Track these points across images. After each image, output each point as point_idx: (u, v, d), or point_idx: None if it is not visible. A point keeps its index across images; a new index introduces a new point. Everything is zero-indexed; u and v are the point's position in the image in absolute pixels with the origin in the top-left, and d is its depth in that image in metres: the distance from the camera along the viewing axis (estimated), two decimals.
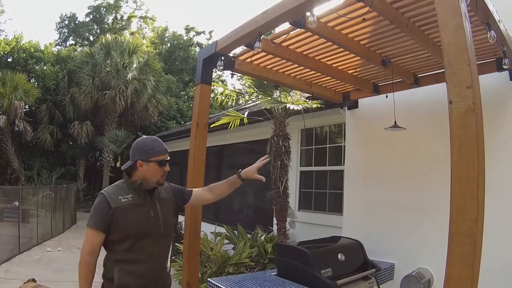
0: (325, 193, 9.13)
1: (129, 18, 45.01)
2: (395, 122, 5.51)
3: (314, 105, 7.61)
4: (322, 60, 5.32)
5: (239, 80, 32.29)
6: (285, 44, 4.80)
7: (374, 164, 6.63)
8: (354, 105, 7.06)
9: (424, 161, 5.75)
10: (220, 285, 4.70)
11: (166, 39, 44.02)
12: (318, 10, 3.74)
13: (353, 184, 7.00)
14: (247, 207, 12.85)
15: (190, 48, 42.44)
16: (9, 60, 30.27)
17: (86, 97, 26.14)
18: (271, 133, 8.21)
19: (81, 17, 43.23)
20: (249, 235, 9.14)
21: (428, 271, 5.43)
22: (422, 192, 5.67)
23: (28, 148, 27.86)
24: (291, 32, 4.36)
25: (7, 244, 12.81)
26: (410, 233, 5.77)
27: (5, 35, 33.16)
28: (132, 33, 43.13)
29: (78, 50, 35.97)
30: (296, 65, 5.51)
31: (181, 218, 5.28)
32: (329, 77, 6.03)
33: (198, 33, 45.18)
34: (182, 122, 31.29)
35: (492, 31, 3.69)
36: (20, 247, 13.16)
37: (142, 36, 43.85)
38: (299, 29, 4.16)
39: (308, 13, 3.58)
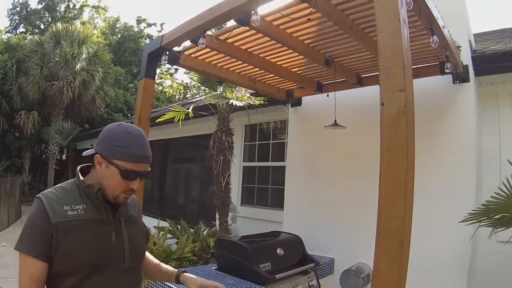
0: (267, 189, 9.25)
1: (81, 7, 43.84)
2: (335, 121, 5.64)
3: (258, 102, 7.75)
4: (266, 58, 5.41)
5: (187, 73, 32.09)
6: (230, 40, 4.83)
7: (315, 161, 6.77)
8: (297, 103, 7.18)
9: (363, 159, 5.90)
10: None
11: (117, 30, 43.17)
12: (264, 9, 3.80)
13: (294, 180, 7.14)
14: (191, 202, 12.93)
15: (140, 40, 41.67)
16: None
17: (34, 87, 25.35)
18: (215, 128, 8.25)
19: (33, 4, 41.96)
20: (192, 230, 9.17)
21: (367, 266, 5.58)
22: (361, 189, 5.81)
23: None
24: (237, 30, 4.41)
25: None
26: (349, 228, 5.93)
27: None
28: (83, 23, 42.01)
29: (28, 38, 35.15)
30: (240, 62, 5.57)
31: None
32: (273, 75, 6.12)
33: (149, 25, 44.71)
34: (129, 115, 30.81)
35: (435, 36, 3.83)
36: None
37: (93, 26, 42.89)
38: (244, 27, 4.17)
39: (252, 11, 3.62)
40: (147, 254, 2.70)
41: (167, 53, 4.88)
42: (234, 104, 7.54)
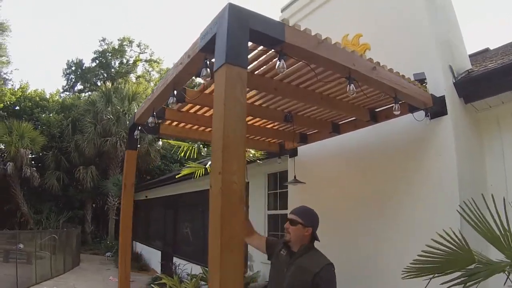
0: None
1: (135, 62, 45.60)
2: (295, 177, 5.96)
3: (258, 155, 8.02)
4: None
5: None
6: (192, 111, 5.24)
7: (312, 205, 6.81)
8: (294, 153, 7.32)
9: (348, 203, 6.13)
10: None
11: None
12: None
13: None
14: None
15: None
16: (16, 108, 31.65)
17: (89, 143, 26.91)
18: None
19: (87, 63, 44.24)
20: None
21: None
22: (346, 230, 6.09)
23: (37, 193, 28.42)
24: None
25: (7, 282, 13.92)
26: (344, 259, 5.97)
27: (12, 85, 34.45)
28: (138, 77, 44.20)
29: (83, 96, 37.51)
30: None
31: None
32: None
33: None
34: (186, 164, 30.97)
35: (352, 85, 3.68)
36: (18, 285, 13.91)
37: (148, 79, 44.77)
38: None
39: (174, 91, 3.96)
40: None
41: (139, 128, 5.33)
42: None
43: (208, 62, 3.09)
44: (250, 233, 4.49)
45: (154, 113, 4.62)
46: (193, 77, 3.87)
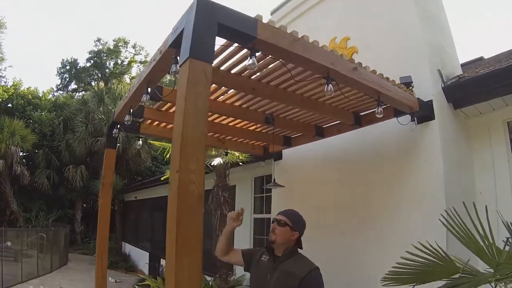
0: None
1: (129, 63, 45.37)
2: (274, 180, 5.81)
3: (229, 158, 7.94)
4: (216, 121, 5.54)
5: None
6: (172, 110, 5.05)
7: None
8: (278, 157, 7.20)
9: (333, 208, 6.05)
10: None
11: (165, 84, 44.06)
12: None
13: None
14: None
15: None
16: (9, 106, 31.41)
17: (80, 143, 26.51)
18: (213, 184, 8.40)
19: (82, 62, 44.01)
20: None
21: None
22: (330, 235, 5.99)
23: (27, 191, 28.19)
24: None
25: None
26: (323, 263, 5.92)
27: (5, 82, 34.30)
28: (132, 78, 43.57)
29: (76, 96, 37.31)
30: None
31: None
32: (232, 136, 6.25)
33: None
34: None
35: (330, 85, 3.49)
36: (3, 283, 13.70)
37: None
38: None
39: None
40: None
41: (118, 126, 5.14)
42: (213, 164, 7.71)
43: (178, 58, 2.92)
44: (229, 250, 4.21)
45: (131, 111, 4.49)
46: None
